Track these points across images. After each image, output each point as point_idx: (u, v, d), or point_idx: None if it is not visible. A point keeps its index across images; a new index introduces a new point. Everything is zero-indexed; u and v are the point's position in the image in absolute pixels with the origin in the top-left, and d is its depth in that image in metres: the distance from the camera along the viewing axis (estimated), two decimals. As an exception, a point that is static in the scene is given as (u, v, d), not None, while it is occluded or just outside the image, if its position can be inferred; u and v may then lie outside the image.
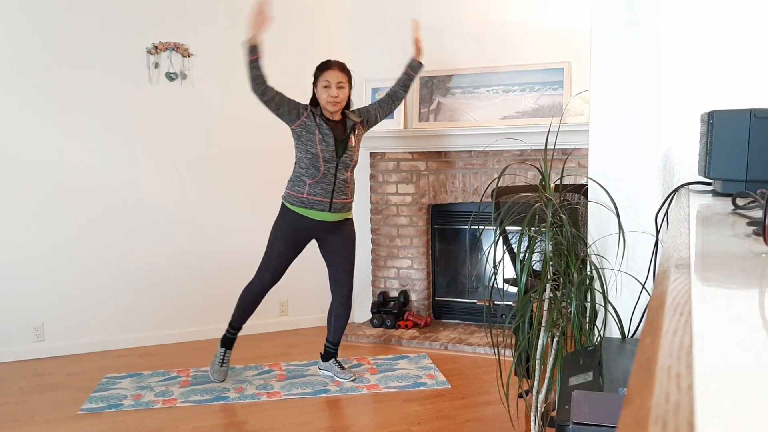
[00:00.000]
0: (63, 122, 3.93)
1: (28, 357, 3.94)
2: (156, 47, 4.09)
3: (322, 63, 3.29)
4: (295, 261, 3.75)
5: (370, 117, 3.43)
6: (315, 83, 3.28)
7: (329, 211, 3.27)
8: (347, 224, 3.40)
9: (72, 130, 3.96)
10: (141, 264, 4.16)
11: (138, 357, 3.95)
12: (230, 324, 3.46)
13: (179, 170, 4.21)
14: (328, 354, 3.55)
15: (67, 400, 3.26)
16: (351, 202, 3.37)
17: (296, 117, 3.22)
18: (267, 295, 4.37)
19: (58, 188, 3.95)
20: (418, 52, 3.47)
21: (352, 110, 3.41)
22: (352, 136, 3.30)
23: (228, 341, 3.47)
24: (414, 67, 3.48)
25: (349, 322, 4.68)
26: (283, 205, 3.31)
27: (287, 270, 3.43)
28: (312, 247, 4.39)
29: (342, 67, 3.26)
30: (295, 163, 3.28)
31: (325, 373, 3.56)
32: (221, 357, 3.47)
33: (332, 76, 3.21)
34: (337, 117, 3.31)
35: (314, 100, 3.34)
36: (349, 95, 3.34)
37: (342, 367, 3.52)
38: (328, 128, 3.21)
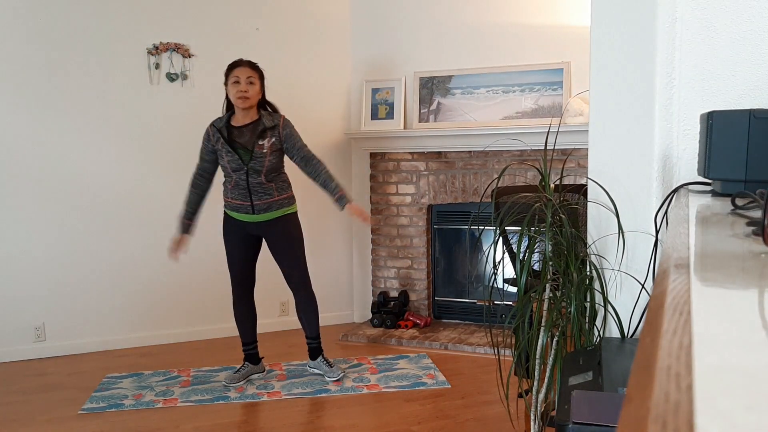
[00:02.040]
0: (64, 122, 3.93)
1: (29, 357, 3.94)
2: (157, 48, 4.09)
3: (232, 62, 3.27)
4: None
5: (288, 143, 3.27)
6: (226, 83, 3.25)
7: (253, 213, 3.31)
8: (284, 219, 3.35)
9: (73, 131, 3.96)
10: (141, 264, 4.16)
11: (139, 357, 3.96)
12: (242, 342, 3.52)
13: (179, 170, 4.21)
14: (313, 350, 3.54)
15: (68, 399, 3.27)
16: (282, 199, 3.33)
17: (213, 152, 3.30)
18: (266, 295, 4.38)
19: (58, 188, 3.95)
20: (352, 212, 3.25)
21: (272, 114, 3.30)
22: (262, 141, 3.22)
23: (248, 357, 3.50)
24: (339, 202, 3.26)
25: (349, 322, 4.69)
26: (223, 211, 3.43)
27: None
28: (312, 247, 4.40)
29: (252, 65, 3.25)
30: None
31: (315, 371, 3.56)
32: (240, 367, 3.51)
33: (241, 72, 3.20)
34: (249, 118, 3.26)
35: (229, 105, 3.32)
36: (263, 94, 3.30)
37: (330, 365, 3.52)
38: (224, 142, 3.22)
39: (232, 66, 3.24)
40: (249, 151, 3.23)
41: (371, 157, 4.54)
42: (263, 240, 3.44)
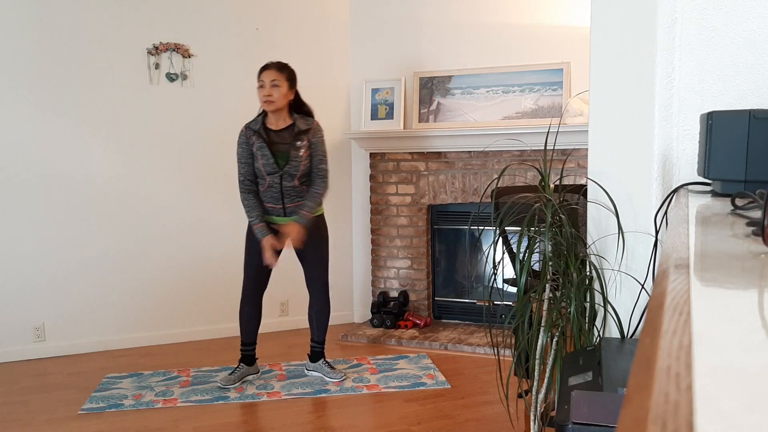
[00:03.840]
0: (63, 123, 3.93)
1: (29, 357, 3.94)
2: (156, 48, 4.09)
3: (263, 65, 3.26)
4: (296, 261, 3.75)
5: (312, 152, 3.27)
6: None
7: (284, 215, 3.31)
8: (313, 220, 3.34)
9: (72, 131, 3.96)
10: (141, 264, 4.16)
11: (138, 357, 3.96)
12: (241, 342, 3.49)
13: (179, 171, 4.21)
14: (316, 354, 3.54)
15: (68, 400, 3.26)
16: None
17: (252, 155, 3.25)
18: (267, 295, 4.37)
19: (58, 188, 3.95)
20: (291, 231, 3.28)
21: (306, 118, 3.29)
22: (300, 145, 3.22)
23: (245, 358, 3.48)
24: (299, 214, 3.30)
25: (349, 322, 4.69)
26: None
27: (288, 271, 3.43)
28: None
29: (279, 67, 3.22)
30: None
31: (314, 374, 3.55)
32: (235, 368, 3.49)
33: (267, 76, 3.19)
34: (282, 122, 3.25)
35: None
36: (292, 96, 3.26)
37: (332, 367, 3.52)
38: (262, 142, 3.20)
39: (261, 69, 3.22)
40: (286, 155, 3.23)
41: (371, 157, 4.54)
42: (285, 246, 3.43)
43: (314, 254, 3.39)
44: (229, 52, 4.23)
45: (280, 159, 3.22)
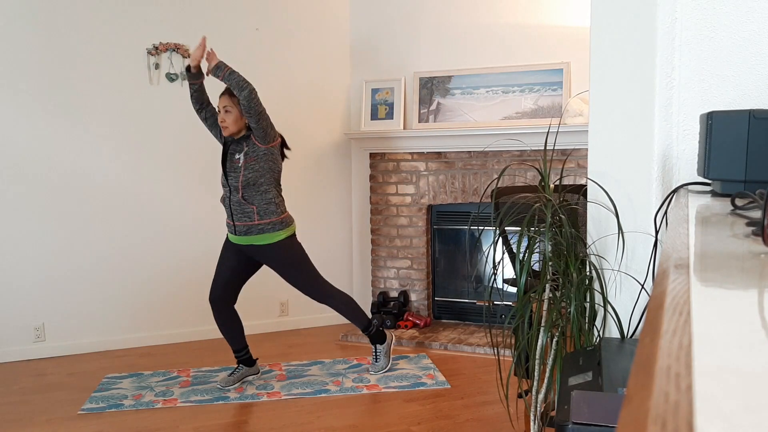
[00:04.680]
0: (63, 123, 3.93)
1: (29, 357, 3.94)
2: (156, 48, 4.09)
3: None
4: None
5: (255, 132, 3.16)
6: None
7: (234, 233, 3.24)
8: (270, 248, 3.21)
9: (72, 131, 3.96)
10: (141, 264, 4.16)
11: (138, 357, 3.96)
12: (232, 350, 3.47)
13: (179, 171, 4.21)
14: (374, 336, 3.52)
15: (68, 400, 3.26)
16: (264, 224, 3.17)
17: (215, 127, 3.28)
18: (267, 295, 4.38)
19: (58, 188, 3.95)
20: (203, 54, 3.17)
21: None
22: (238, 155, 3.17)
23: (242, 362, 3.47)
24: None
25: (349, 322, 4.68)
26: None
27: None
28: (312, 248, 4.39)
29: (230, 93, 3.18)
30: None
31: (379, 364, 3.56)
32: (234, 369, 3.48)
33: (220, 102, 3.20)
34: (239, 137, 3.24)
35: None
36: (241, 119, 3.17)
37: (377, 359, 3.55)
38: (222, 154, 3.22)
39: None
40: (229, 164, 3.21)
41: (371, 158, 4.54)
42: (260, 266, 3.41)
43: (291, 279, 3.32)
44: (229, 52, 4.23)
45: (230, 170, 3.20)
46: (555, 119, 3.95)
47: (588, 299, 2.02)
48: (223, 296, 3.35)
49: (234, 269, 3.33)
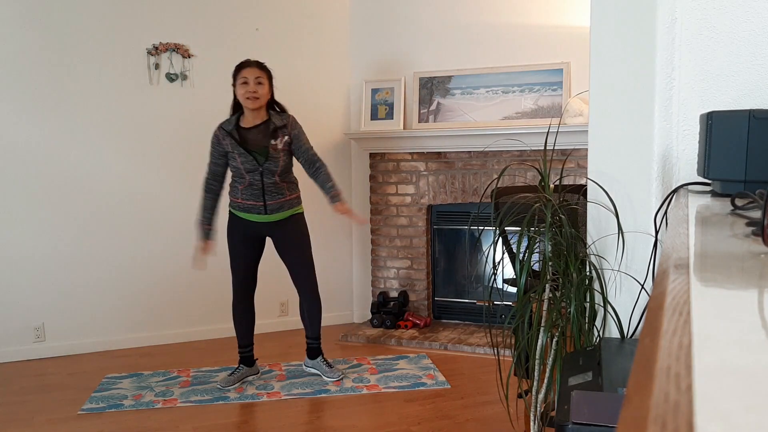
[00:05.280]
0: (63, 123, 3.93)
1: (29, 357, 3.94)
2: (156, 48, 4.09)
3: (240, 63, 3.26)
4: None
5: (296, 143, 3.28)
6: (234, 84, 3.24)
7: (265, 213, 3.30)
8: (293, 219, 3.38)
9: (72, 131, 3.96)
10: (141, 264, 4.16)
11: (138, 357, 3.96)
12: (238, 344, 3.50)
13: (179, 171, 4.21)
14: (312, 350, 3.54)
15: (68, 400, 3.26)
16: (293, 199, 3.36)
17: (224, 155, 3.27)
18: (266, 295, 4.38)
19: (58, 188, 3.95)
20: (344, 211, 3.27)
21: (281, 114, 3.31)
22: (275, 141, 3.23)
23: (244, 359, 3.49)
24: (332, 199, 3.27)
25: (348, 322, 4.69)
26: (229, 211, 3.38)
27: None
28: (312, 248, 4.38)
29: (260, 65, 3.24)
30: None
31: (312, 371, 3.56)
32: (235, 369, 3.49)
33: (250, 73, 3.19)
34: (259, 118, 3.26)
35: (236, 106, 3.30)
36: (272, 94, 3.29)
37: (330, 366, 3.52)
38: (235, 143, 3.21)
39: (240, 66, 3.23)
40: (264, 152, 3.23)
41: (371, 158, 4.54)
42: (265, 242, 3.44)
43: (299, 255, 3.38)
44: (229, 52, 4.23)
45: (259, 156, 3.22)
46: (555, 119, 3.95)
47: (588, 299, 2.02)
48: (251, 285, 3.43)
49: (253, 257, 3.40)
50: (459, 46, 4.28)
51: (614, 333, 2.00)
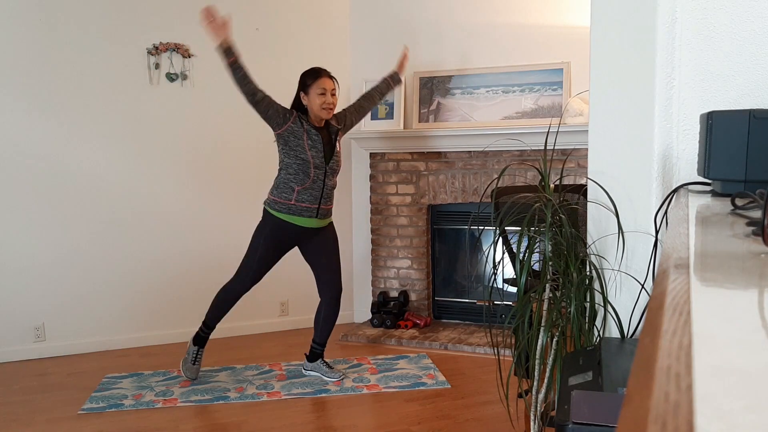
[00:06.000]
0: (63, 123, 3.93)
1: (29, 357, 3.94)
2: (156, 48, 4.09)
3: (314, 70, 3.30)
4: (295, 261, 3.76)
5: (347, 122, 3.50)
6: (306, 90, 3.27)
7: (316, 217, 3.31)
8: (331, 226, 3.48)
9: (72, 131, 3.96)
10: (141, 264, 4.16)
11: (138, 357, 3.96)
12: (204, 323, 3.46)
13: (179, 170, 4.21)
14: (315, 354, 3.55)
15: (68, 400, 3.27)
16: (332, 206, 3.45)
17: (283, 122, 3.22)
18: (266, 295, 4.38)
19: (58, 188, 3.95)
20: (401, 70, 3.75)
21: (336, 117, 3.47)
22: (337, 142, 3.36)
23: (201, 340, 3.47)
24: (396, 80, 3.69)
25: (348, 322, 4.69)
26: (266, 211, 3.31)
27: (288, 271, 3.43)
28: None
29: (333, 77, 3.35)
30: (281, 169, 3.26)
31: (312, 373, 3.55)
32: (194, 354, 3.46)
33: (327, 84, 3.27)
34: (320, 123, 3.34)
35: (298, 106, 3.32)
36: None
37: (330, 367, 3.52)
38: (316, 133, 3.25)
39: (316, 76, 3.27)
40: (330, 151, 3.31)
41: (371, 157, 4.54)
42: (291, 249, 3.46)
43: (333, 261, 3.45)
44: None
45: (327, 153, 3.30)
46: (555, 119, 3.95)
47: (588, 299, 2.02)
48: (254, 283, 3.40)
49: (273, 264, 3.39)
50: (459, 46, 4.28)
51: (614, 333, 2.00)
